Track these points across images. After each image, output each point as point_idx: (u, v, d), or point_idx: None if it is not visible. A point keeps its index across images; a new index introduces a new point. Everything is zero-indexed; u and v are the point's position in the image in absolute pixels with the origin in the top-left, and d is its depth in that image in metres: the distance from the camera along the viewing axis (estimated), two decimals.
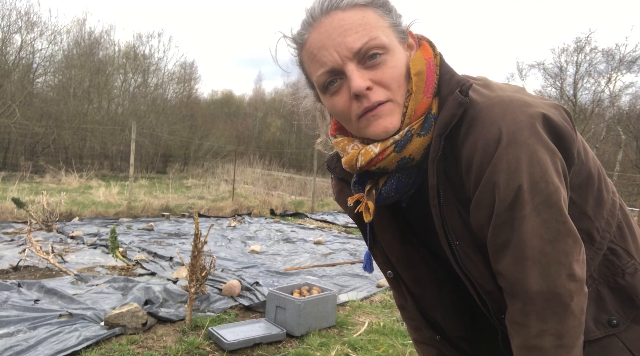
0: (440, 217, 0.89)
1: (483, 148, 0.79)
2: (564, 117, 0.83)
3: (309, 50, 0.88)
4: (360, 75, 0.84)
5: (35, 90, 19.42)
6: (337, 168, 1.04)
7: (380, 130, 0.86)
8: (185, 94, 25.24)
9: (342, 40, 0.83)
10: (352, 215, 1.04)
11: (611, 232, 0.90)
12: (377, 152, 0.88)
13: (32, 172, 14.27)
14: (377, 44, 0.83)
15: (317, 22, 0.86)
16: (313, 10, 0.87)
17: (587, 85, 22.42)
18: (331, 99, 0.89)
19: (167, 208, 9.81)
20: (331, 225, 9.81)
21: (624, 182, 18.76)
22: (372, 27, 0.84)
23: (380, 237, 1.05)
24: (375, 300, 4.43)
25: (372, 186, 0.96)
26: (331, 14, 0.84)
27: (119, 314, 3.21)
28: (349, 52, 0.83)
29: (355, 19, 0.84)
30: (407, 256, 1.05)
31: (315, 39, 0.86)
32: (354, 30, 0.83)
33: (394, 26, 0.88)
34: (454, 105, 0.82)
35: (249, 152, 21.98)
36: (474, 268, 0.90)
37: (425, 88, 0.87)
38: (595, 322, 0.88)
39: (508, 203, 0.78)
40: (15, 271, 4.62)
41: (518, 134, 0.77)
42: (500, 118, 0.79)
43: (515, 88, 0.89)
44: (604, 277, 0.90)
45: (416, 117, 0.87)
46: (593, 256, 0.89)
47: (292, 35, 0.91)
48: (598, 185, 0.90)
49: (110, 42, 22.36)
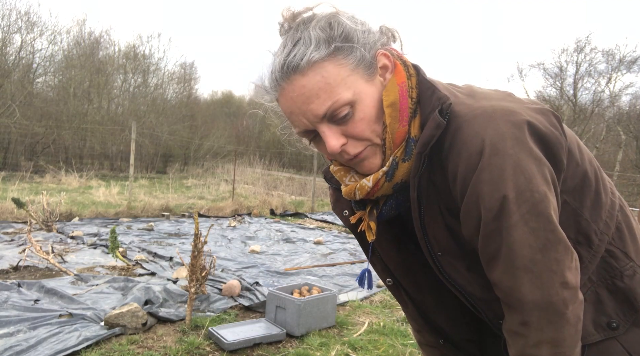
0: (421, 229, 0.90)
1: (466, 160, 0.80)
2: (551, 122, 0.83)
3: (282, 108, 0.90)
4: (331, 134, 0.86)
5: (35, 90, 19.41)
6: (334, 179, 1.04)
7: (366, 170, 0.91)
8: (185, 94, 25.25)
9: (307, 108, 0.84)
10: (349, 226, 1.05)
11: (610, 233, 0.90)
12: (370, 185, 0.90)
13: (32, 172, 14.26)
14: (340, 104, 0.83)
15: (280, 87, 0.86)
16: (274, 72, 0.86)
17: (587, 85, 22.52)
18: (317, 145, 0.93)
19: (167, 208, 9.81)
20: (331, 225, 9.80)
21: (624, 182, 18.75)
22: (332, 86, 0.83)
23: (378, 245, 1.05)
24: (375, 300, 4.43)
25: (373, 206, 0.97)
26: (291, 78, 0.84)
27: (119, 314, 3.21)
28: (316, 118, 0.85)
29: (314, 83, 0.83)
30: (405, 263, 1.05)
31: (283, 103, 0.88)
32: (315, 96, 0.83)
33: (358, 64, 0.85)
34: (432, 125, 0.83)
35: (249, 152, 21.97)
36: (461, 278, 0.90)
37: (400, 117, 0.87)
38: (595, 325, 0.88)
39: (494, 214, 0.78)
40: (15, 272, 4.61)
41: (501, 145, 0.77)
42: (483, 129, 0.79)
43: (502, 95, 0.88)
44: (603, 280, 0.89)
45: (396, 146, 0.88)
46: (591, 259, 0.88)
47: (265, 88, 0.90)
48: (595, 187, 0.90)
49: (110, 42, 22.48)
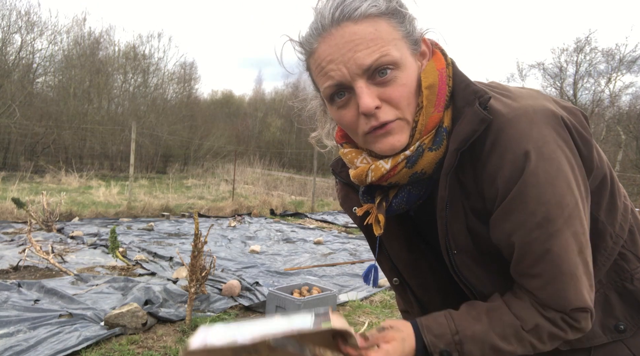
0: (444, 227, 0.87)
1: (511, 162, 0.78)
2: (581, 123, 0.83)
3: (317, 61, 0.84)
4: (369, 93, 0.80)
5: (35, 90, 19.39)
6: (343, 173, 1.01)
7: (387, 147, 0.84)
8: (185, 94, 25.21)
9: (352, 56, 0.79)
10: (359, 223, 1.01)
11: (624, 236, 0.89)
12: (388, 168, 0.85)
13: (32, 172, 14.26)
14: (388, 60, 0.79)
15: (326, 32, 0.81)
16: (323, 18, 0.81)
17: (587, 85, 22.43)
18: (338, 111, 0.86)
19: (167, 208, 9.80)
20: (331, 225, 9.80)
21: (624, 182, 18.73)
22: (384, 41, 0.79)
23: (387, 244, 1.03)
24: (375, 300, 4.43)
25: (382, 198, 0.92)
26: (342, 25, 0.79)
27: (119, 314, 3.21)
28: (359, 69, 0.79)
29: (366, 32, 0.79)
30: (414, 263, 1.03)
31: (324, 50, 0.82)
32: (364, 45, 0.78)
33: (407, 36, 0.83)
34: (475, 120, 0.78)
35: (249, 152, 21.98)
36: (473, 277, 0.90)
37: (436, 101, 0.83)
38: (602, 327, 0.88)
39: (539, 219, 0.77)
40: (15, 272, 4.62)
41: (545, 148, 0.77)
42: (528, 131, 0.77)
43: (534, 93, 0.87)
44: (613, 282, 0.89)
45: (426, 131, 0.84)
46: (605, 262, 0.88)
47: (300, 39, 0.86)
48: (611, 189, 0.89)
49: (110, 42, 22.33)
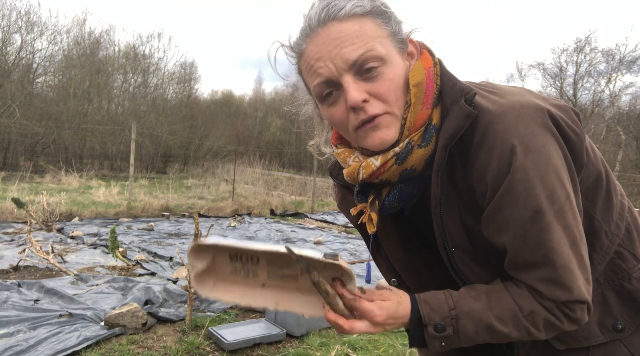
0: (440, 225, 0.88)
1: (499, 157, 0.78)
2: (572, 119, 0.83)
3: (307, 61, 0.87)
4: (356, 87, 0.82)
5: (35, 90, 19.41)
6: (340, 175, 1.03)
7: (376, 141, 0.85)
8: (185, 94, 25.20)
9: (338, 52, 0.82)
10: (355, 224, 1.03)
11: (620, 235, 0.89)
12: (378, 165, 0.87)
13: (32, 172, 14.25)
14: (373, 55, 0.82)
15: (314, 32, 0.84)
16: (310, 20, 0.85)
17: (587, 85, 22.41)
18: (329, 110, 0.88)
19: (167, 208, 9.80)
20: (331, 225, 9.80)
21: (624, 182, 18.72)
22: (369, 38, 0.82)
23: (384, 244, 1.03)
24: None
25: (375, 197, 0.94)
26: (328, 24, 0.83)
27: (119, 314, 3.21)
28: (345, 64, 0.82)
29: (352, 30, 0.82)
30: (411, 263, 1.04)
31: (312, 49, 0.85)
32: (350, 41, 0.81)
33: (393, 35, 0.86)
34: (460, 116, 0.80)
35: (249, 152, 21.97)
36: (471, 273, 0.90)
37: (424, 99, 0.85)
38: (600, 327, 0.88)
39: (530, 213, 0.77)
40: (15, 272, 4.61)
41: (533, 143, 0.77)
42: (514, 126, 0.78)
43: (523, 91, 0.87)
44: (610, 281, 0.89)
45: (415, 129, 0.85)
46: (601, 260, 0.88)
47: (290, 44, 0.90)
48: (607, 187, 0.89)
49: (111, 42, 22.35)
